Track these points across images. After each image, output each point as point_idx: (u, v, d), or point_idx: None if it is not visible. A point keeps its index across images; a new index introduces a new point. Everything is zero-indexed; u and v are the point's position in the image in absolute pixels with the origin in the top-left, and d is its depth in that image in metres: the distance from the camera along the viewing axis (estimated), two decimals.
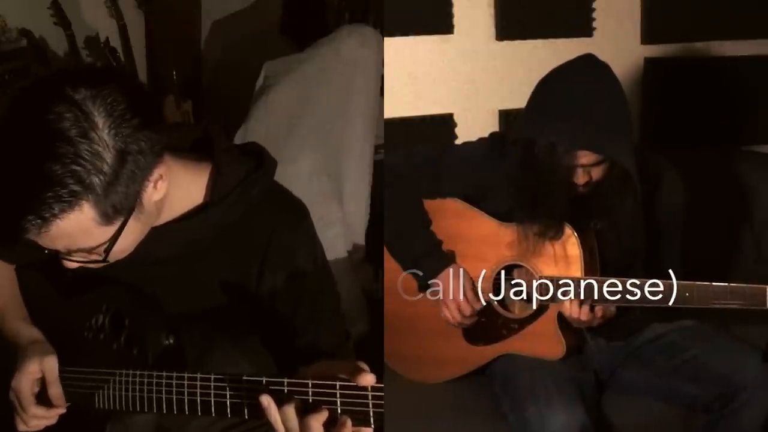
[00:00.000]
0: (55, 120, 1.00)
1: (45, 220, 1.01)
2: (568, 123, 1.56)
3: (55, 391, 1.24)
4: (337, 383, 0.99)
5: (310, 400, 1.01)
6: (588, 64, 1.63)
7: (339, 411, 1.00)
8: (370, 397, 0.98)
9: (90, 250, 1.11)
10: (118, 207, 1.07)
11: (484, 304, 1.78)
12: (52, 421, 1.26)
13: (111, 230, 1.09)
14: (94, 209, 1.04)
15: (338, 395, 0.99)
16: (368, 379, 0.98)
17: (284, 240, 1.27)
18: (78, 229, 1.05)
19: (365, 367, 1.00)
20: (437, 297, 1.81)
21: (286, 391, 1.03)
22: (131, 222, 1.11)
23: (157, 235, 1.21)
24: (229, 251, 1.27)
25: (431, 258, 1.81)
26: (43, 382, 1.25)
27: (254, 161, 1.30)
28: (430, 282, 1.82)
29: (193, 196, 1.25)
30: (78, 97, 1.02)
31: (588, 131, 1.56)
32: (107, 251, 1.11)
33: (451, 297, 1.78)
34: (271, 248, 1.27)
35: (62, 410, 1.25)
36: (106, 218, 1.07)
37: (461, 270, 1.79)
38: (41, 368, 1.24)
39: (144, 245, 1.19)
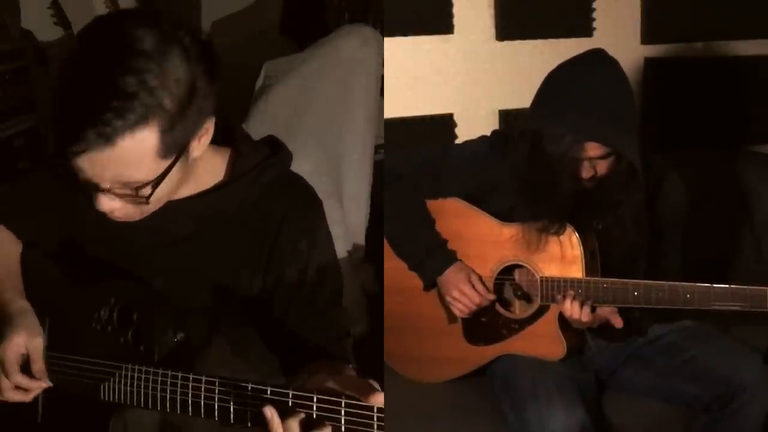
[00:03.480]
0: (138, 39, 1.04)
1: (114, 130, 1.02)
2: (577, 114, 1.56)
3: (39, 366, 1.25)
4: (343, 400, 0.98)
5: (314, 415, 1.00)
6: (597, 58, 1.63)
7: (343, 429, 0.98)
8: (375, 418, 0.96)
9: (136, 188, 1.11)
10: (177, 143, 1.10)
11: (492, 293, 1.78)
12: (31, 395, 1.26)
13: (160, 167, 1.11)
14: (158, 135, 1.06)
15: (343, 412, 0.98)
16: (379, 399, 0.97)
17: (294, 227, 1.29)
18: (136, 155, 1.06)
19: (376, 385, 0.99)
20: (444, 294, 1.82)
21: (290, 403, 1.02)
22: (175, 168, 1.13)
23: (176, 209, 1.23)
24: (242, 234, 1.29)
25: (436, 257, 1.81)
26: (26, 360, 1.26)
27: (271, 149, 1.34)
28: (437, 280, 1.82)
29: (215, 175, 1.28)
30: (160, 26, 1.07)
31: (597, 123, 1.56)
32: (153, 188, 1.12)
33: (455, 289, 1.77)
34: (281, 234, 1.28)
35: (44, 384, 1.26)
36: (164, 150, 1.09)
37: (463, 263, 1.79)
38: (26, 344, 1.25)
39: (162, 221, 1.21)
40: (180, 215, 1.24)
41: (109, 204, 1.14)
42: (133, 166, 1.08)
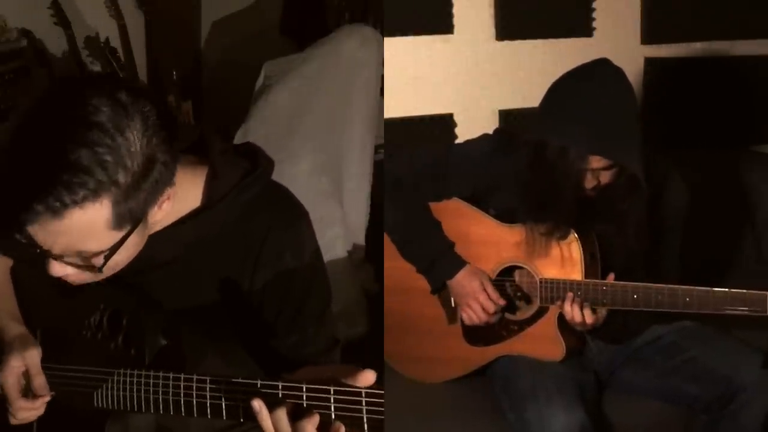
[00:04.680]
0: (93, 111, 1.01)
1: (64, 205, 1.00)
2: (581, 127, 1.56)
3: (38, 381, 1.26)
4: (332, 388, 0.99)
5: (305, 405, 1.01)
6: (603, 68, 1.63)
7: (333, 416, 0.99)
8: (364, 403, 0.97)
9: (88, 257, 1.10)
10: (132, 214, 1.07)
11: (505, 302, 1.78)
12: (40, 411, 1.27)
13: (115, 237, 1.09)
14: (111, 208, 1.04)
15: (332, 400, 0.99)
16: (368, 378, 0.97)
17: (278, 239, 1.27)
18: (88, 227, 1.04)
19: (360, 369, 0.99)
20: (456, 299, 1.82)
21: (280, 394, 1.02)
22: (133, 235, 1.11)
23: (155, 239, 1.20)
24: (226, 252, 1.27)
25: (445, 261, 1.81)
26: (28, 376, 1.26)
27: (250, 162, 1.30)
28: (447, 283, 1.82)
29: (191, 200, 1.25)
30: (119, 96, 1.04)
31: (601, 137, 1.56)
32: (106, 259, 1.10)
33: (472, 297, 1.77)
34: (265, 247, 1.27)
35: (46, 398, 1.26)
36: (118, 222, 1.06)
37: (473, 267, 1.79)
38: (24, 362, 1.25)
39: (143, 250, 1.18)
40: (161, 244, 1.21)
41: (62, 270, 1.12)
42: (84, 237, 1.05)
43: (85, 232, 1.05)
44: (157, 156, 1.06)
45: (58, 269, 1.12)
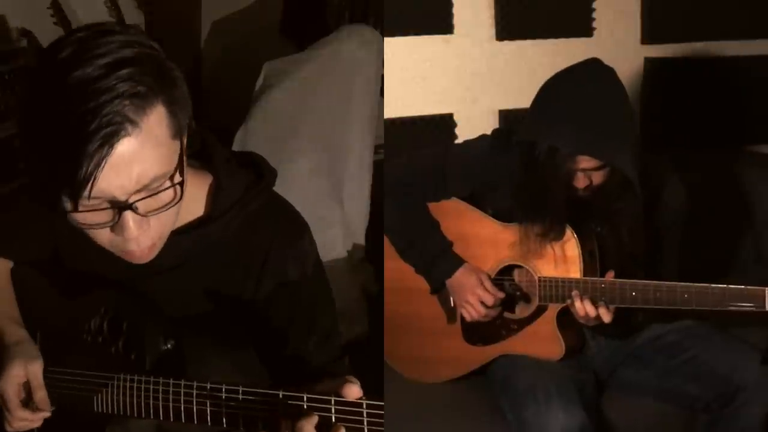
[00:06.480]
0: (99, 29, 1.02)
1: (128, 120, 0.97)
2: (569, 127, 1.56)
3: (41, 395, 1.24)
4: (332, 398, 0.98)
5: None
6: (593, 68, 1.63)
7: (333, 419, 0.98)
8: (365, 414, 0.96)
9: (163, 183, 1.05)
10: (180, 121, 1.05)
11: (504, 295, 1.78)
12: (37, 424, 1.26)
13: (175, 149, 1.06)
14: (165, 108, 1.02)
15: (333, 410, 0.98)
16: (354, 392, 0.97)
17: (281, 255, 1.27)
18: (154, 140, 1.00)
19: (353, 380, 0.99)
20: (455, 298, 1.82)
21: (281, 396, 1.02)
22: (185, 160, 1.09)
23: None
24: (228, 264, 1.27)
25: (444, 260, 1.81)
26: (28, 386, 1.25)
27: (254, 172, 1.29)
28: (446, 282, 1.82)
29: (195, 207, 1.24)
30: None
31: (589, 136, 1.56)
32: (181, 173, 1.07)
33: (470, 293, 1.77)
34: (268, 263, 1.26)
35: (47, 414, 1.25)
36: (174, 127, 1.04)
37: (475, 266, 1.79)
38: (26, 373, 1.24)
39: None
40: (164, 250, 1.18)
41: (139, 226, 1.06)
42: (153, 154, 1.01)
43: (152, 148, 1.01)
44: (173, 66, 1.07)
45: (134, 227, 1.05)
